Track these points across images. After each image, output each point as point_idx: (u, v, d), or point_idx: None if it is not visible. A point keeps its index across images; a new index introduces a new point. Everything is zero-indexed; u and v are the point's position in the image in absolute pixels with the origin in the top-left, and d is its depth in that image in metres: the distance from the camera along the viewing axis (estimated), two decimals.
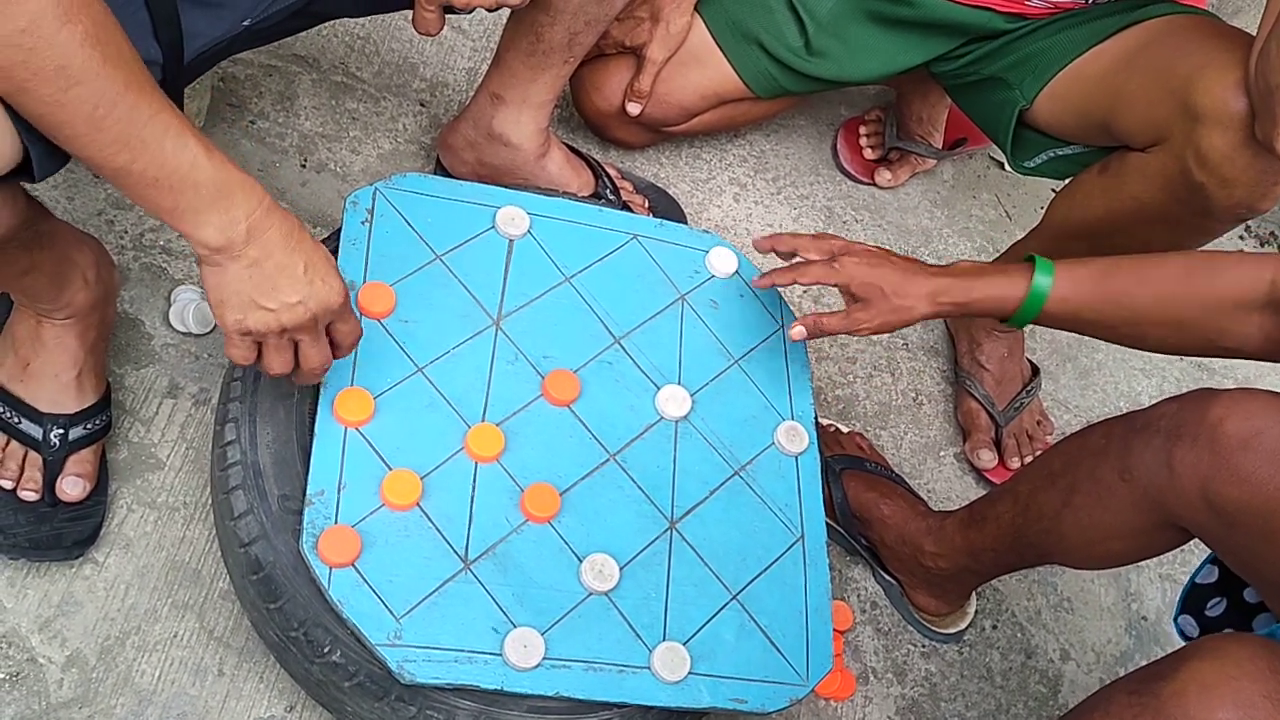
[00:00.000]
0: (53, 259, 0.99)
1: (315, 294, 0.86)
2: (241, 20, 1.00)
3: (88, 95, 0.72)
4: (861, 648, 1.30)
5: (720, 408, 1.13)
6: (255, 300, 0.84)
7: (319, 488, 0.95)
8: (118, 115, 0.74)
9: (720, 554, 1.05)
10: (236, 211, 0.81)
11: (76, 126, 0.73)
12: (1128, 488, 0.98)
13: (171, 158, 0.77)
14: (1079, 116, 1.30)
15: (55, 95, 0.71)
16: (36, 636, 1.04)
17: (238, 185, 0.81)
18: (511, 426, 1.04)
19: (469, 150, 1.38)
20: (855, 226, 1.69)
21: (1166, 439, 0.94)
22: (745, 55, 1.47)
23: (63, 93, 0.71)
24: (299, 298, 0.85)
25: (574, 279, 1.15)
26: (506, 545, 0.98)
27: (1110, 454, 1.00)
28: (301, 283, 0.85)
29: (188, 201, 0.79)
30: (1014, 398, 1.50)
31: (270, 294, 0.84)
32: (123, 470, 1.14)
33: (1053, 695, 1.36)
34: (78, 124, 0.73)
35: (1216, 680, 0.75)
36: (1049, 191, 1.87)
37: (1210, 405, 0.91)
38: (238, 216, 0.81)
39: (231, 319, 0.85)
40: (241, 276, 0.83)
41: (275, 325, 0.85)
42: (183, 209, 0.79)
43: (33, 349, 1.04)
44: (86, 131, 0.74)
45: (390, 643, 0.91)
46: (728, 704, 0.98)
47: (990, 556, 1.18)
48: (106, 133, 0.74)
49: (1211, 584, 1.03)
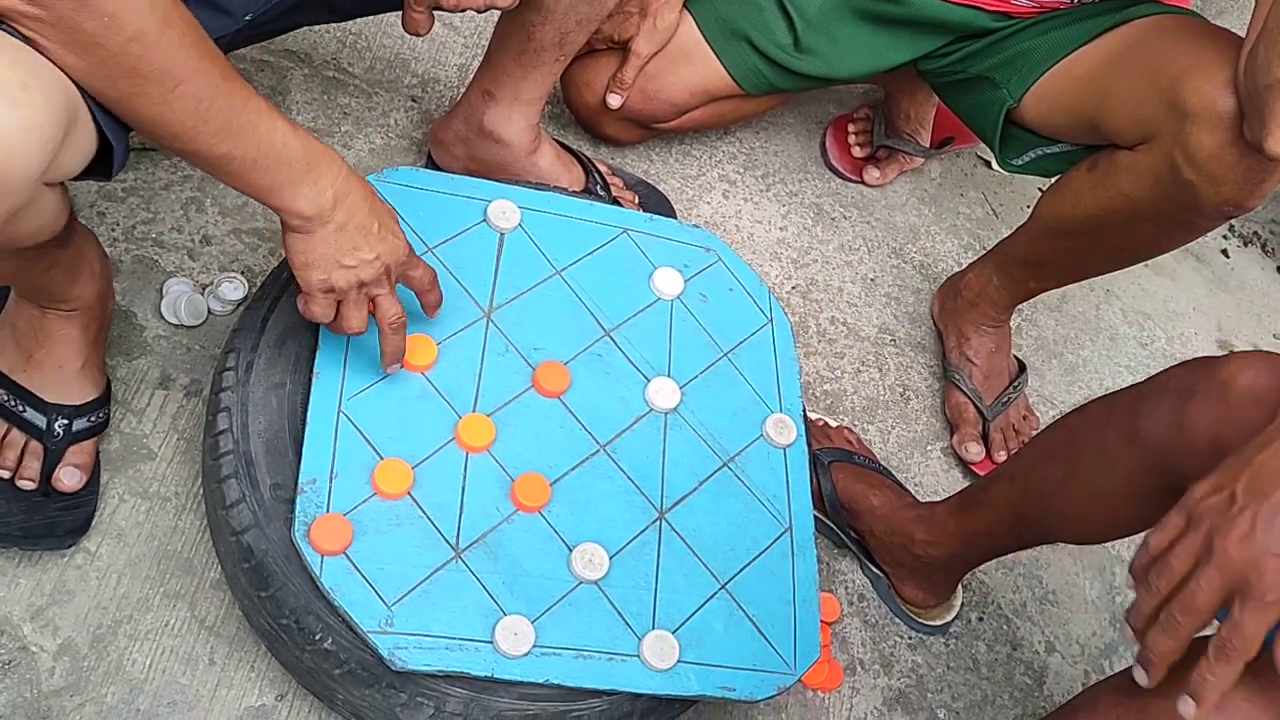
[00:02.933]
0: (71, 254, 1.00)
1: (387, 248, 0.93)
2: (244, 15, 1.01)
3: (192, 92, 0.76)
4: (849, 639, 1.32)
5: (709, 400, 1.14)
6: (338, 260, 0.90)
7: (311, 476, 0.96)
8: (219, 106, 0.78)
9: (709, 544, 1.06)
10: (323, 181, 0.87)
11: (184, 123, 0.77)
12: (1135, 450, 0.98)
13: (266, 138, 0.82)
14: (1066, 115, 1.31)
15: (163, 96, 0.75)
16: (28, 625, 1.04)
17: (320, 155, 0.87)
18: (502, 417, 1.05)
19: (460, 146, 1.39)
20: (844, 224, 1.70)
21: (1178, 398, 0.95)
22: (734, 52, 1.48)
23: (170, 92, 0.75)
24: (375, 254, 0.92)
25: (565, 272, 1.16)
26: (497, 534, 0.99)
27: (1116, 420, 1.01)
28: (375, 239, 0.91)
29: (284, 178, 0.84)
30: (1001, 392, 1.52)
31: (351, 253, 0.90)
32: (115, 460, 1.14)
33: (1038, 686, 1.37)
34: (185, 121, 0.77)
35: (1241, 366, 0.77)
36: (1036, 190, 1.88)
37: (1222, 364, 0.93)
38: (324, 185, 0.87)
39: (316, 279, 0.91)
40: (328, 240, 0.89)
41: (355, 281, 0.92)
42: (279, 185, 0.85)
43: (36, 340, 1.04)
44: (193, 126, 0.78)
45: (381, 630, 0.91)
46: (716, 692, 0.99)
47: (984, 540, 1.19)
48: (210, 124, 0.78)
49: None
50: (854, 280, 1.64)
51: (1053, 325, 1.75)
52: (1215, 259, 2.04)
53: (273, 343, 1.04)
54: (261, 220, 1.35)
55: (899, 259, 1.70)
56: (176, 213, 1.32)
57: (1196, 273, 1.98)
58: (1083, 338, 1.76)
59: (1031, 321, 1.73)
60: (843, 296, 1.62)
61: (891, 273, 1.68)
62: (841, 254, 1.67)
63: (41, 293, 1.02)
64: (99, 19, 0.71)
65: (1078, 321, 1.78)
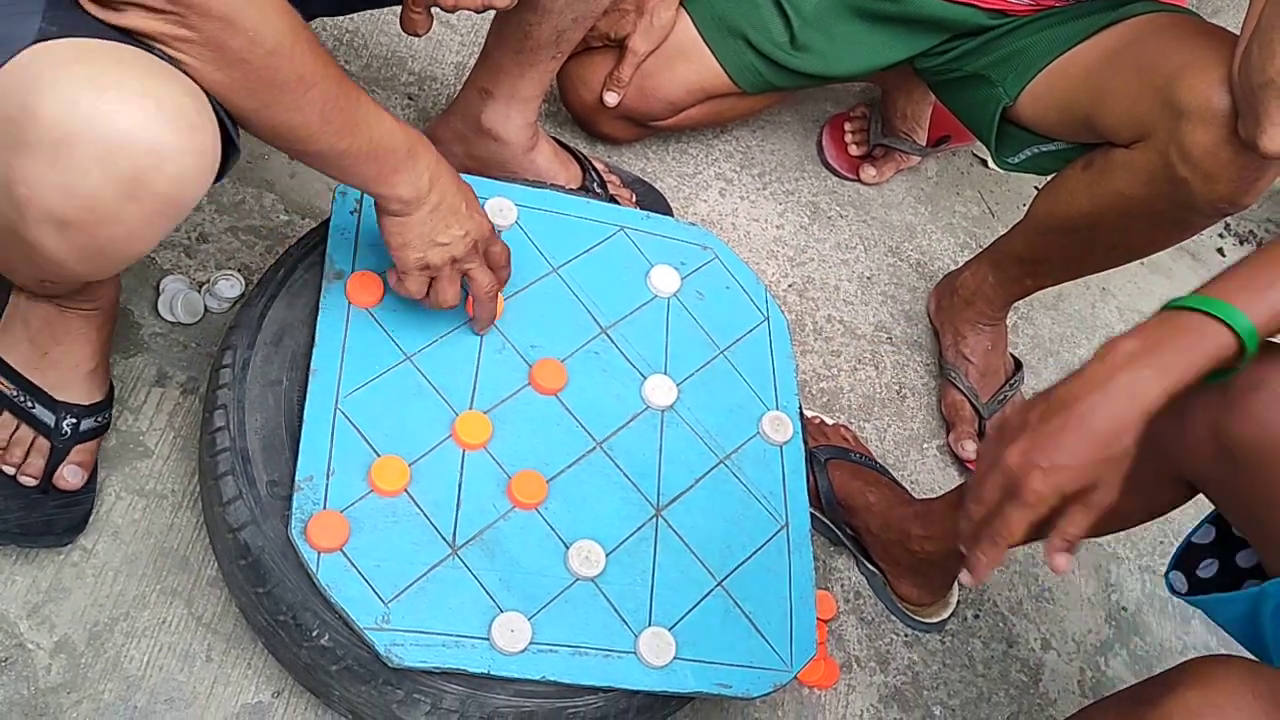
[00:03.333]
0: None
1: (475, 225, 0.98)
2: None
3: (319, 95, 0.81)
4: (845, 637, 1.32)
5: (706, 397, 1.15)
6: (433, 239, 0.96)
7: (308, 473, 0.96)
8: (340, 106, 0.83)
9: (705, 541, 1.06)
10: (420, 165, 0.92)
11: (311, 125, 0.82)
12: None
13: (376, 130, 0.87)
14: (1062, 113, 1.31)
15: (296, 102, 0.80)
16: (25, 622, 1.04)
17: (418, 142, 0.92)
18: (499, 414, 1.05)
19: (457, 144, 1.39)
20: (840, 222, 1.70)
21: None
22: (731, 50, 1.48)
23: (302, 97, 0.80)
24: (464, 230, 0.97)
25: (561, 270, 1.16)
26: (494, 531, 0.99)
27: None
28: (464, 217, 0.97)
29: (390, 166, 0.90)
30: (997, 390, 1.52)
31: (445, 231, 0.96)
32: (112, 458, 1.14)
33: (1033, 684, 1.37)
34: (313, 123, 0.82)
35: (1202, 709, 0.75)
36: (1032, 188, 1.88)
37: None
38: (421, 170, 0.92)
39: (414, 258, 0.96)
40: (424, 220, 0.94)
41: (448, 257, 0.97)
42: (386, 174, 0.90)
43: (53, 338, 1.04)
44: (320, 127, 0.83)
45: (378, 627, 0.91)
46: (712, 688, 0.99)
47: None
48: (334, 123, 0.83)
49: (1207, 544, 1.04)
50: (850, 278, 1.65)
51: (1049, 323, 1.75)
52: (1211, 257, 2.04)
53: (269, 340, 1.04)
54: (258, 218, 1.35)
55: (895, 257, 1.70)
56: None
57: (1193, 271, 1.98)
58: (1079, 336, 1.76)
59: (1028, 319, 1.74)
60: (839, 294, 1.62)
61: (888, 271, 1.68)
62: (838, 252, 1.67)
63: (75, 293, 1.01)
64: (244, 36, 0.75)
65: (1074, 319, 1.78)
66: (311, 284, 1.07)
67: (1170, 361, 0.84)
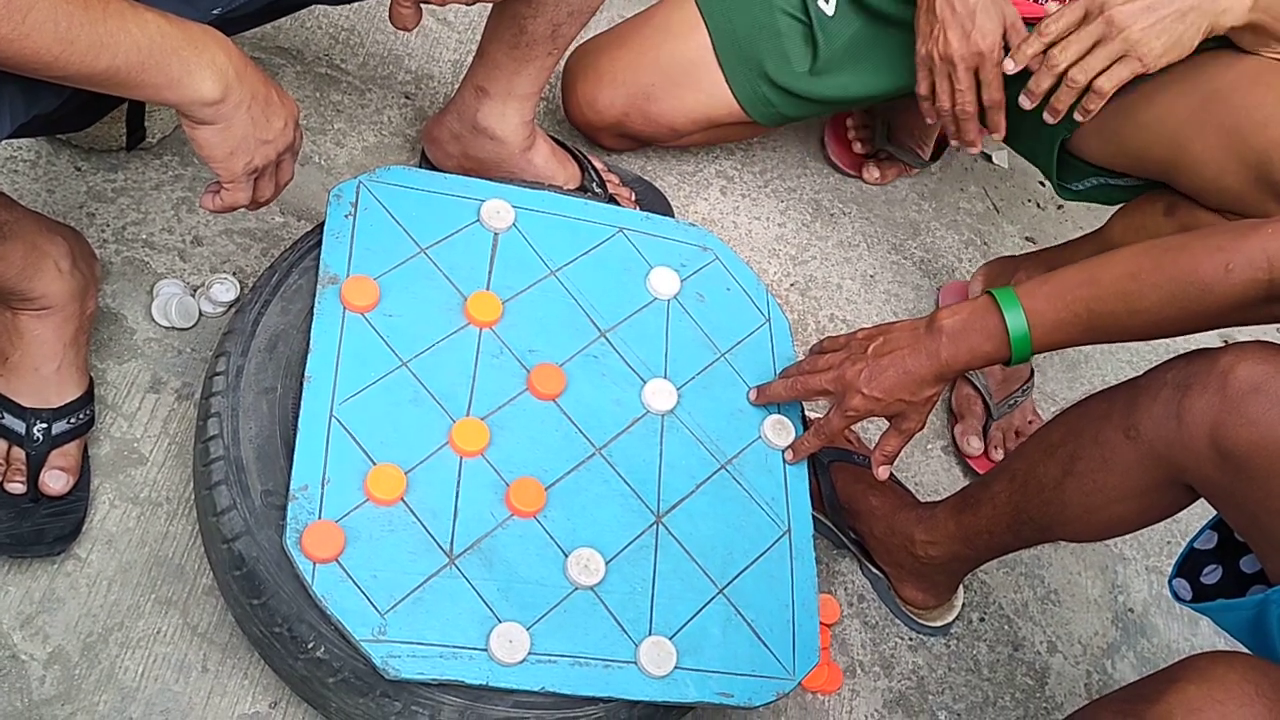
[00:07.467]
0: (21, 249, 0.98)
1: (289, 108, 0.91)
2: (211, 9, 0.99)
3: (46, 15, 0.73)
4: (849, 641, 1.30)
5: (706, 401, 1.13)
6: (258, 138, 0.88)
7: (302, 483, 0.94)
8: (80, 21, 0.75)
9: (706, 548, 1.05)
10: (217, 56, 0.83)
11: (51, 50, 0.74)
12: (1133, 445, 0.98)
13: (141, 37, 0.78)
14: (1132, 160, 1.26)
15: (17, 29, 0.72)
16: (18, 633, 1.03)
17: (201, 33, 0.83)
18: (496, 421, 1.03)
19: (454, 143, 1.37)
20: (843, 220, 1.68)
21: (1175, 390, 0.94)
22: (746, 82, 1.45)
23: (22, 23, 0.72)
24: (283, 120, 0.90)
25: (560, 272, 1.14)
26: (492, 540, 0.98)
27: (1114, 415, 1.01)
28: (278, 105, 0.89)
29: (178, 67, 0.81)
30: (1010, 394, 1.50)
31: (266, 127, 0.88)
32: (105, 465, 1.13)
33: (1040, 687, 1.36)
34: (51, 47, 0.74)
35: (1203, 704, 0.75)
36: (1036, 185, 1.87)
37: (1220, 355, 0.92)
38: (220, 61, 0.83)
39: (242, 164, 0.88)
40: (244, 121, 0.86)
41: (274, 154, 0.90)
42: (177, 77, 0.81)
43: (11, 342, 1.03)
44: (61, 49, 0.74)
45: (375, 638, 0.90)
46: (714, 698, 0.98)
47: (985, 539, 1.17)
48: (79, 43, 0.75)
49: (1209, 550, 1.04)
50: (853, 277, 1.63)
51: None
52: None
53: (264, 346, 1.02)
54: (253, 220, 1.34)
55: (899, 255, 1.68)
56: (167, 213, 1.31)
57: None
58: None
59: None
60: (842, 293, 1.61)
61: (891, 269, 1.66)
62: (840, 250, 1.65)
63: (3, 291, 1.00)
64: None
65: None
66: (306, 289, 1.06)
67: (963, 343, 1.01)
